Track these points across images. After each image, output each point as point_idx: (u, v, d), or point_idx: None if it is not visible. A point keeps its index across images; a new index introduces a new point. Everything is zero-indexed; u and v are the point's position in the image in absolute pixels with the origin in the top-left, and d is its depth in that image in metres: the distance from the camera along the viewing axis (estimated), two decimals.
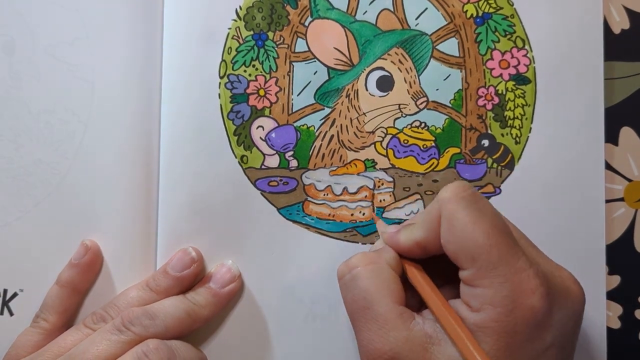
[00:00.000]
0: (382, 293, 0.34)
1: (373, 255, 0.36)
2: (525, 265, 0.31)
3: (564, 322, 0.32)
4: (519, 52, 0.42)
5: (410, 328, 0.33)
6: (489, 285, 0.31)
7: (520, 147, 0.42)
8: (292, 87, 0.43)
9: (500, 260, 0.31)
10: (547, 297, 0.31)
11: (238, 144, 0.42)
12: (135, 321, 0.38)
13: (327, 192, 0.42)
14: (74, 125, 0.43)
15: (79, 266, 0.41)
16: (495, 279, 0.31)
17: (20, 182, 0.43)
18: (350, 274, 0.35)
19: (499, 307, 0.31)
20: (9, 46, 0.43)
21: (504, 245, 0.31)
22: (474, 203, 0.33)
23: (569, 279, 0.34)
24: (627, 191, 0.42)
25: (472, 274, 0.32)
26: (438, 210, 0.33)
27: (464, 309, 0.32)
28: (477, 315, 0.32)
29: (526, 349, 0.31)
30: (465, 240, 0.32)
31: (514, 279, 0.31)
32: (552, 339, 0.32)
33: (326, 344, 0.42)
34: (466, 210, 0.32)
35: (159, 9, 0.42)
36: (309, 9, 0.43)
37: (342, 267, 0.36)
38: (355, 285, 0.35)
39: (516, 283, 0.31)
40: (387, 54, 0.42)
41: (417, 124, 0.42)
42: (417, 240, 0.35)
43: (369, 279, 0.34)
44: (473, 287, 0.32)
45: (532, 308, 0.31)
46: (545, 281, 0.32)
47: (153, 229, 0.42)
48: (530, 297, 0.31)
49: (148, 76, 0.42)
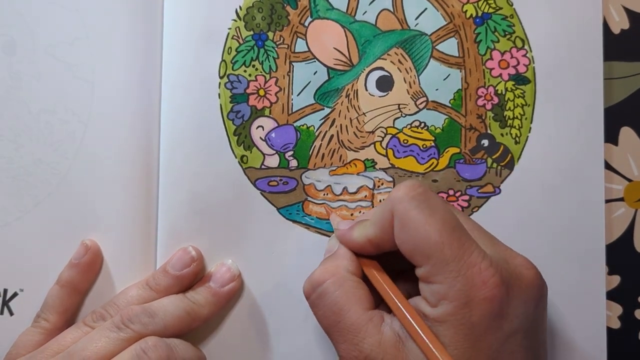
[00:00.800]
0: (349, 303, 0.34)
1: (332, 267, 0.36)
2: (478, 258, 0.32)
3: (523, 310, 0.33)
4: (518, 52, 0.42)
5: (381, 331, 0.33)
6: (443, 281, 0.32)
7: (519, 147, 0.42)
8: (292, 87, 0.43)
9: (453, 256, 0.32)
10: (501, 287, 0.32)
11: (238, 144, 0.42)
12: (135, 319, 0.38)
13: (326, 192, 0.42)
14: (74, 125, 0.43)
15: (79, 266, 0.41)
16: (449, 274, 0.32)
17: (20, 182, 0.43)
18: (315, 292, 0.35)
19: (454, 301, 0.32)
20: (9, 46, 0.43)
21: (455, 241, 0.32)
22: (425, 201, 0.33)
23: (522, 265, 0.34)
24: (627, 191, 0.42)
25: (427, 271, 0.33)
26: (390, 209, 0.34)
27: (424, 304, 0.33)
28: (435, 310, 0.32)
29: (487, 338, 0.32)
30: (419, 239, 0.33)
31: (467, 273, 0.32)
32: (513, 327, 0.32)
33: (326, 344, 0.42)
34: (417, 209, 0.33)
35: (159, 9, 0.42)
36: (308, 9, 0.43)
37: (307, 286, 0.36)
38: (323, 302, 0.35)
39: (469, 277, 0.32)
40: (386, 54, 0.43)
41: (417, 123, 0.42)
42: (370, 238, 0.35)
43: (334, 293, 0.35)
44: (429, 284, 0.33)
45: (486, 299, 0.32)
46: (499, 271, 0.32)
47: (153, 228, 0.42)
48: (483, 288, 0.32)
49: (148, 76, 0.42)
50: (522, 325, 0.33)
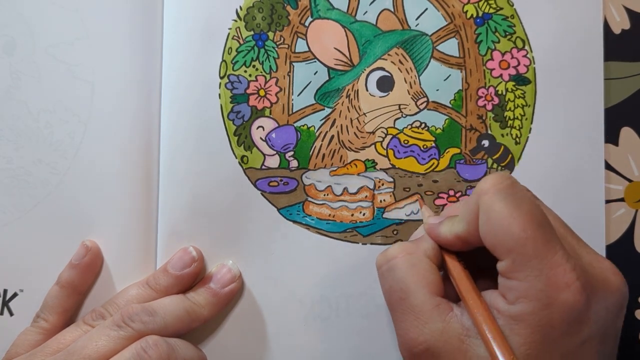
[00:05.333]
0: (418, 284, 0.34)
1: (411, 246, 0.36)
2: (562, 259, 0.31)
3: (604, 315, 0.32)
4: (519, 52, 0.42)
5: (447, 320, 0.33)
6: (524, 279, 0.31)
7: (520, 147, 0.42)
8: (292, 88, 0.43)
9: (536, 254, 0.31)
10: (584, 292, 0.31)
11: (238, 144, 0.42)
12: (135, 317, 0.38)
13: (327, 192, 0.42)
14: (74, 125, 0.43)
15: (79, 267, 0.41)
16: (530, 272, 0.31)
17: (20, 182, 0.43)
18: (387, 264, 0.35)
19: (533, 300, 0.31)
20: (9, 46, 0.43)
21: (540, 238, 0.31)
22: (511, 195, 0.32)
23: (609, 270, 0.33)
24: (627, 191, 0.42)
25: (508, 266, 0.32)
26: (476, 202, 0.33)
27: (500, 300, 0.32)
28: (513, 308, 0.31)
29: (563, 342, 0.31)
30: (502, 232, 0.32)
31: (549, 273, 0.31)
32: (591, 332, 0.32)
33: (326, 345, 0.42)
34: (503, 202, 0.32)
35: (159, 9, 0.42)
36: (309, 9, 0.43)
37: (380, 258, 0.36)
38: (392, 276, 0.35)
39: (551, 277, 0.31)
40: (387, 54, 0.42)
41: (417, 124, 0.42)
42: (459, 234, 0.35)
43: (405, 270, 0.34)
44: (509, 280, 0.32)
45: (568, 302, 0.31)
46: (583, 275, 0.31)
47: (153, 229, 0.42)
48: (565, 291, 0.31)
49: (148, 76, 0.42)
50: (600, 331, 0.32)
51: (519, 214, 0.32)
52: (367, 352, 0.42)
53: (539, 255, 0.31)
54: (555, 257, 0.31)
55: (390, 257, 0.35)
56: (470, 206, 0.34)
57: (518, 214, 0.32)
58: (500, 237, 0.32)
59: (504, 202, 0.32)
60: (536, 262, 0.31)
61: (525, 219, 0.31)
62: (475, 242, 0.34)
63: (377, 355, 0.42)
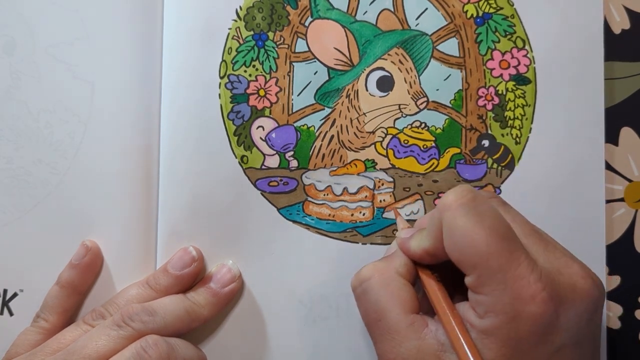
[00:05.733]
0: (391, 304, 0.34)
1: (382, 266, 0.36)
2: (526, 271, 0.31)
3: (576, 322, 0.32)
4: (519, 52, 0.42)
5: (422, 337, 0.33)
6: (490, 293, 0.31)
7: (520, 147, 0.42)
8: (292, 87, 0.42)
9: (500, 268, 0.31)
10: (550, 302, 0.31)
11: (238, 144, 0.42)
12: (135, 317, 0.38)
13: (327, 192, 0.42)
14: (73, 125, 0.43)
15: (79, 267, 0.41)
16: (495, 286, 0.31)
17: (20, 182, 0.43)
18: (361, 287, 0.35)
19: (500, 314, 0.31)
20: (9, 46, 0.43)
21: (504, 251, 0.31)
22: (473, 208, 0.32)
23: (578, 274, 0.32)
24: (627, 191, 0.42)
25: (475, 281, 0.32)
26: (439, 217, 0.33)
27: (472, 313, 0.32)
28: (482, 322, 0.31)
29: (535, 353, 0.31)
30: (465, 247, 0.31)
31: (513, 285, 0.31)
32: (563, 340, 0.31)
33: (326, 345, 0.42)
34: (465, 217, 0.32)
35: (159, 9, 0.42)
36: (309, 9, 0.43)
37: (354, 280, 0.36)
38: (366, 298, 0.35)
39: (516, 290, 0.30)
40: (387, 54, 0.42)
41: (417, 124, 0.42)
42: (425, 249, 0.35)
43: (378, 291, 0.34)
44: (477, 294, 0.32)
45: (534, 314, 0.30)
46: (549, 284, 0.31)
47: (153, 229, 0.42)
48: (531, 303, 0.30)
49: (148, 76, 0.42)
50: (572, 339, 0.32)
51: (481, 228, 0.31)
52: (367, 352, 0.42)
53: (502, 269, 0.31)
54: (518, 270, 0.31)
55: (363, 279, 0.35)
56: (434, 221, 0.33)
57: (480, 229, 0.31)
58: (465, 252, 0.32)
59: (466, 217, 0.32)
60: (500, 276, 0.31)
61: (488, 232, 0.31)
62: (443, 257, 0.34)
63: None
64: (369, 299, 0.35)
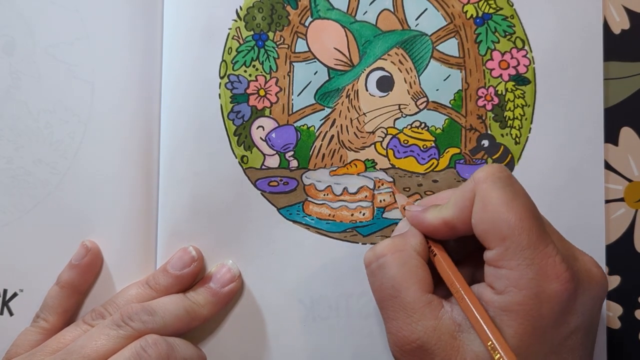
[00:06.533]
0: (409, 282, 0.34)
1: (399, 242, 0.36)
2: (553, 251, 0.32)
3: (589, 307, 0.33)
4: (518, 52, 0.42)
5: (439, 317, 0.33)
6: (515, 267, 0.31)
7: (520, 147, 0.42)
8: (292, 88, 0.43)
9: (530, 244, 0.31)
10: (572, 282, 0.31)
11: (238, 144, 0.42)
12: (134, 317, 0.38)
13: (327, 192, 0.42)
14: (73, 125, 0.43)
15: (79, 267, 0.41)
16: (522, 261, 0.31)
17: (20, 182, 0.43)
18: (377, 262, 0.35)
19: (524, 289, 0.31)
20: (9, 46, 0.43)
21: (535, 229, 0.32)
22: (509, 185, 0.33)
23: (591, 263, 0.34)
24: (627, 191, 0.42)
25: (499, 254, 0.32)
26: (472, 189, 0.33)
27: (489, 291, 0.32)
28: (502, 298, 0.32)
29: (552, 333, 0.32)
30: (498, 220, 0.32)
31: (540, 263, 0.31)
32: (577, 323, 0.32)
33: (326, 345, 0.42)
34: (501, 190, 0.32)
35: (159, 9, 0.42)
36: (309, 9, 0.43)
37: (369, 255, 0.36)
38: (382, 273, 0.35)
39: (542, 267, 0.31)
40: (387, 54, 0.42)
41: (417, 124, 0.42)
42: (446, 219, 0.35)
43: (396, 268, 0.34)
44: (498, 269, 0.32)
45: (557, 292, 0.31)
46: (570, 267, 0.32)
47: (153, 229, 0.42)
48: (555, 281, 0.31)
49: (148, 76, 0.42)
50: (585, 323, 0.33)
51: (517, 204, 0.32)
52: (367, 352, 0.42)
53: (531, 246, 0.31)
54: (547, 249, 0.32)
55: (379, 254, 0.35)
56: (465, 193, 0.34)
57: (516, 204, 0.32)
58: (497, 225, 0.32)
59: (502, 191, 0.32)
60: (529, 252, 0.31)
61: (522, 209, 0.32)
62: (462, 229, 0.34)
63: (377, 355, 0.42)
64: (386, 274, 0.34)
